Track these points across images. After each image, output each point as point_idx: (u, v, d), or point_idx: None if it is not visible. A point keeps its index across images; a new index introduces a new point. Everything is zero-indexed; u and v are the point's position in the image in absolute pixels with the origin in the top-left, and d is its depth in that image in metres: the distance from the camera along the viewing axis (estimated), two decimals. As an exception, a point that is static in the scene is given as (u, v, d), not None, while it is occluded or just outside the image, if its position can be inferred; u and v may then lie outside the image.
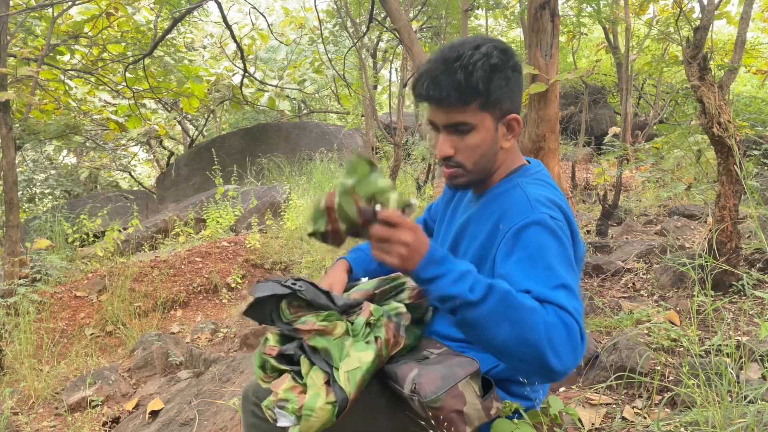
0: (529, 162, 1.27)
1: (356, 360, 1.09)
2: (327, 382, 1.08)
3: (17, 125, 7.63)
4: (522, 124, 1.19)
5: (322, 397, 1.05)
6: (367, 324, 1.17)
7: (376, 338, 1.14)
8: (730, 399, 1.55)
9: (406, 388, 1.07)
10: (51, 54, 6.45)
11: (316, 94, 12.90)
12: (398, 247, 0.97)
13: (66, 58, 7.47)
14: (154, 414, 2.65)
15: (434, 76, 1.11)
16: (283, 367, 1.13)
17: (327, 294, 1.20)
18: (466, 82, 1.09)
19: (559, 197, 1.16)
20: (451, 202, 1.39)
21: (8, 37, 4.98)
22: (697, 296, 2.55)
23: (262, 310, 1.16)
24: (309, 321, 1.13)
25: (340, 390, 1.05)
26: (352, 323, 1.17)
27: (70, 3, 5.35)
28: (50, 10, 6.01)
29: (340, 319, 1.16)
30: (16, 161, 5.21)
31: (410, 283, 1.32)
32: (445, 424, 1.03)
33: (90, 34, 6.58)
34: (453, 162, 1.17)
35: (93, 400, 3.05)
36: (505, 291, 0.97)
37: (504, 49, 1.14)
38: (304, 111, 13.55)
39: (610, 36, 9.46)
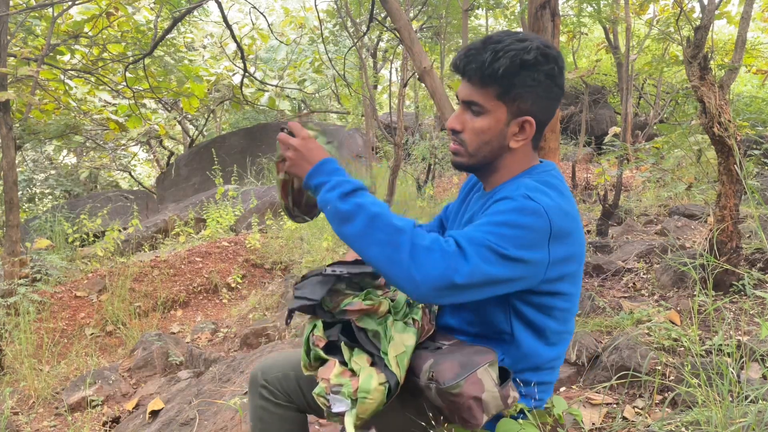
0: (541, 162, 1.24)
1: (401, 343, 1.11)
2: (372, 363, 1.10)
3: (17, 125, 7.63)
4: (535, 128, 1.15)
5: (375, 378, 1.07)
6: (408, 303, 1.20)
7: (414, 320, 1.16)
8: (731, 399, 1.55)
9: (422, 378, 1.07)
10: (51, 54, 6.45)
11: (316, 94, 12.90)
12: (288, 150, 1.14)
13: (66, 58, 7.47)
14: (154, 414, 2.64)
15: (469, 50, 1.13)
16: (327, 357, 1.15)
17: (358, 261, 1.26)
18: (489, 65, 1.09)
19: (561, 197, 1.11)
20: (465, 201, 1.39)
21: (8, 37, 4.98)
22: (698, 296, 2.55)
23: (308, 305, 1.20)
24: (355, 302, 1.15)
25: (392, 374, 1.07)
26: (393, 300, 1.19)
27: (70, 3, 5.34)
28: (50, 10, 6.01)
29: (376, 294, 1.19)
30: (16, 161, 5.21)
31: None
32: (462, 411, 1.02)
33: (90, 34, 6.58)
34: (458, 138, 1.19)
35: (93, 400, 3.05)
36: (375, 213, 1.02)
37: (547, 54, 1.10)
38: (304, 111, 13.55)
39: (611, 36, 9.46)
